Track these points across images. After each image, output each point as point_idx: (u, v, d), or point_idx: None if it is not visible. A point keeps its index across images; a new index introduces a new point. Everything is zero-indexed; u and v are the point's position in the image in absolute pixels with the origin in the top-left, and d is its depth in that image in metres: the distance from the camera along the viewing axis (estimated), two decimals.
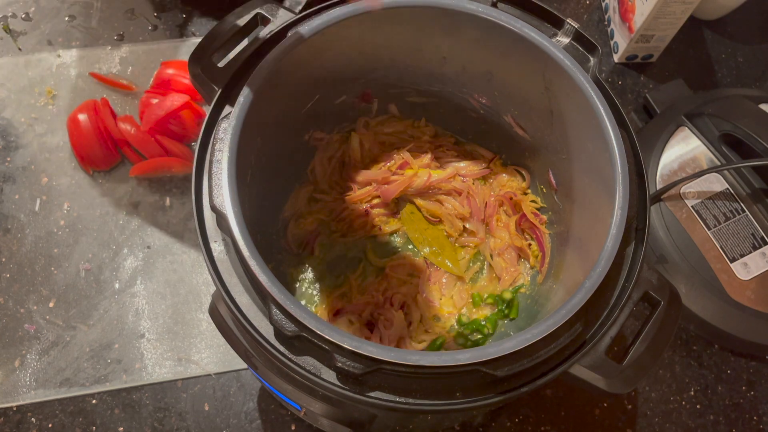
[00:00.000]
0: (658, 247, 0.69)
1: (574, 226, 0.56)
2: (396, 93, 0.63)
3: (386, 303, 0.61)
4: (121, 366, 0.65)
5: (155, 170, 0.72)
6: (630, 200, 0.44)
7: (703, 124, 0.72)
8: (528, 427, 0.65)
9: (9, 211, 0.71)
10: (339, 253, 0.64)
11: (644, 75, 0.84)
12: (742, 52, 0.86)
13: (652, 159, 0.72)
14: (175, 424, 0.63)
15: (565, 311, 0.41)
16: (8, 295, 0.67)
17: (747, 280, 0.67)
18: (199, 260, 0.70)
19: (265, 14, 0.52)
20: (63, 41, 0.79)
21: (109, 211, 0.71)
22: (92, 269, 0.69)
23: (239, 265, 0.44)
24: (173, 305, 0.68)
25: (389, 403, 0.41)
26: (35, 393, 0.63)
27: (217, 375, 0.65)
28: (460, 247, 0.65)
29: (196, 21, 0.82)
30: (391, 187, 0.64)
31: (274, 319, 0.40)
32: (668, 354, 0.69)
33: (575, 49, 0.51)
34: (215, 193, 0.43)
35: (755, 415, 0.68)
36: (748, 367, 0.70)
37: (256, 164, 0.52)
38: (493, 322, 0.61)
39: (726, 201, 0.69)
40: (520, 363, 0.40)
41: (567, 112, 0.52)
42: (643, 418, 0.67)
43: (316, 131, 0.63)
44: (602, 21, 0.87)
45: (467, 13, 0.50)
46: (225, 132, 0.45)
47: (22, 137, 0.74)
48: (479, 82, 0.58)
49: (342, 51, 0.53)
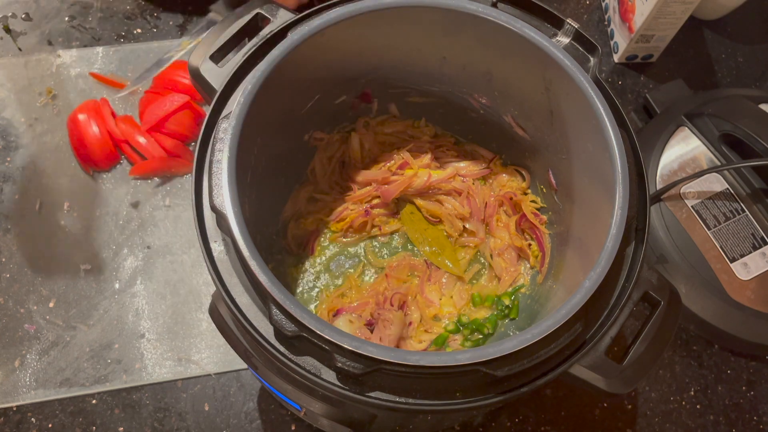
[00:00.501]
0: (658, 247, 0.69)
1: (574, 226, 0.56)
2: (396, 93, 0.63)
3: (386, 303, 0.61)
4: (121, 366, 0.65)
5: (155, 170, 0.72)
6: (630, 200, 0.44)
7: (703, 124, 0.72)
8: (528, 427, 0.65)
9: (9, 211, 0.71)
10: (339, 253, 0.64)
11: (644, 75, 0.84)
12: (742, 52, 0.86)
13: (652, 159, 0.72)
14: (175, 424, 0.63)
15: (565, 311, 0.41)
16: (8, 295, 0.67)
17: (747, 280, 0.67)
18: (199, 260, 0.70)
19: (265, 14, 0.52)
20: (63, 41, 0.79)
21: (109, 211, 0.71)
22: (92, 269, 0.69)
23: (239, 265, 0.44)
24: (173, 305, 0.68)
25: (389, 403, 0.41)
26: (35, 393, 0.63)
27: (217, 375, 0.65)
28: (460, 247, 0.65)
29: (196, 21, 0.82)
30: (391, 187, 0.64)
31: (274, 319, 0.40)
32: (668, 354, 0.69)
33: (575, 49, 0.51)
34: (215, 193, 0.43)
35: (755, 415, 0.68)
36: (748, 367, 0.70)
37: (256, 164, 0.52)
38: (493, 322, 0.61)
39: (726, 201, 0.69)
40: (520, 363, 0.40)
41: (567, 112, 0.52)
42: (643, 418, 0.67)
43: (316, 131, 0.63)
44: (602, 21, 0.87)
45: (467, 13, 0.50)
46: (225, 132, 0.45)
47: (22, 137, 0.74)
48: (479, 82, 0.58)
49: (342, 51, 0.53)
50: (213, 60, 0.51)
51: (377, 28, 0.52)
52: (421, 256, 0.65)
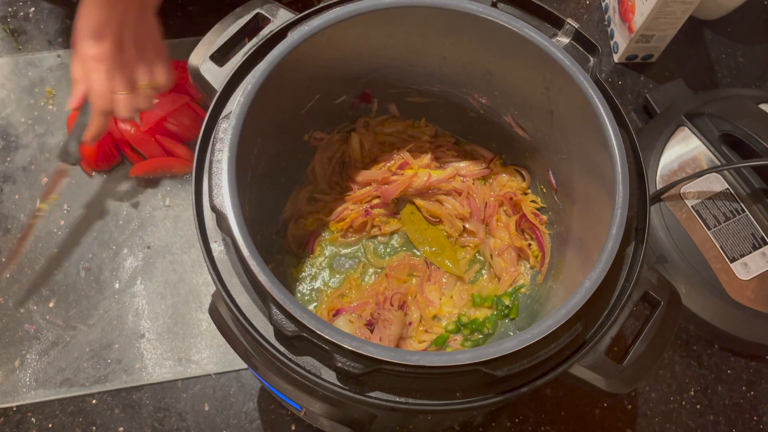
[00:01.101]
0: (658, 247, 0.69)
1: (574, 226, 0.56)
2: (396, 93, 0.63)
3: (386, 303, 0.61)
4: (121, 366, 0.65)
5: (155, 170, 0.72)
6: (630, 200, 0.44)
7: (703, 124, 0.72)
8: (528, 427, 0.65)
9: (9, 211, 0.71)
10: (339, 253, 0.64)
11: (644, 75, 0.84)
12: (742, 52, 0.86)
13: (652, 159, 0.72)
14: (175, 424, 0.63)
15: (565, 311, 0.41)
16: (8, 295, 0.67)
17: (747, 280, 0.67)
18: (199, 260, 0.70)
19: (265, 14, 0.52)
20: (63, 41, 0.79)
21: (109, 211, 0.71)
22: (92, 269, 0.69)
23: (239, 265, 0.44)
24: (173, 305, 0.68)
25: (389, 403, 0.41)
26: (35, 393, 0.63)
27: (217, 375, 0.65)
28: (460, 247, 0.65)
29: (196, 21, 0.82)
30: (391, 187, 0.64)
31: (274, 319, 0.40)
32: (668, 354, 0.69)
33: (575, 49, 0.51)
34: (215, 193, 0.43)
35: (755, 415, 0.68)
36: (748, 367, 0.70)
37: (256, 164, 0.52)
38: (493, 322, 0.61)
39: (726, 201, 0.69)
40: (520, 363, 0.40)
41: (567, 112, 0.52)
42: (643, 418, 0.67)
43: (316, 131, 0.63)
44: (602, 21, 0.87)
45: (467, 13, 0.50)
46: (225, 132, 0.45)
47: (22, 137, 0.74)
48: (479, 82, 0.58)
49: (342, 51, 0.53)
50: (213, 60, 0.51)
51: (377, 28, 0.52)
52: (421, 256, 0.65)
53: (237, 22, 0.51)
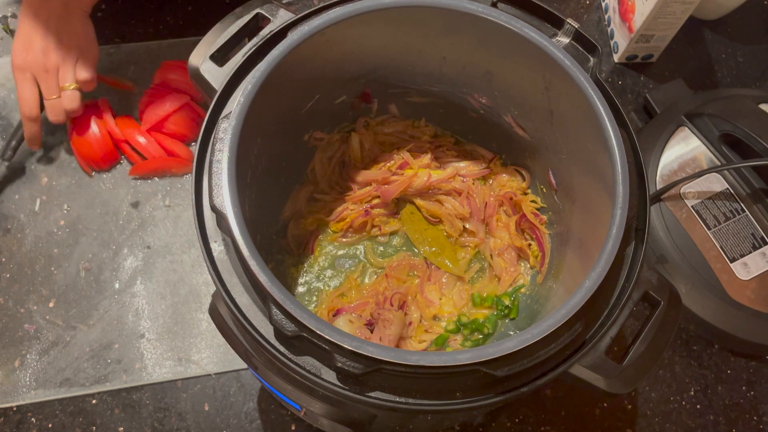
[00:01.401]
0: (658, 247, 0.69)
1: (574, 226, 0.56)
2: (396, 93, 0.63)
3: (386, 303, 0.61)
4: (121, 366, 0.65)
5: (155, 170, 0.72)
6: (630, 200, 0.44)
7: (703, 124, 0.72)
8: (528, 427, 0.65)
9: (9, 211, 0.71)
10: (339, 253, 0.64)
11: (644, 75, 0.84)
12: (742, 52, 0.86)
13: (652, 159, 0.72)
14: (175, 424, 0.63)
15: (565, 311, 0.41)
16: (8, 295, 0.67)
17: (747, 280, 0.67)
18: (199, 260, 0.70)
19: (265, 14, 0.52)
20: None
21: (109, 211, 0.71)
22: (92, 269, 0.69)
23: (239, 265, 0.44)
24: (173, 305, 0.68)
25: (389, 403, 0.41)
26: (35, 393, 0.63)
27: (217, 375, 0.65)
28: (460, 247, 0.65)
29: (196, 21, 0.82)
30: (391, 187, 0.64)
31: (274, 319, 0.40)
32: (668, 354, 0.70)
33: (575, 49, 0.51)
34: (215, 193, 0.43)
35: (755, 415, 0.68)
36: (748, 367, 0.70)
37: (256, 164, 0.52)
38: (493, 322, 0.61)
39: (726, 201, 0.69)
40: (520, 363, 0.40)
41: (567, 112, 0.52)
42: (643, 418, 0.67)
43: (316, 131, 0.63)
44: (602, 21, 0.87)
45: (467, 13, 0.50)
46: (225, 132, 0.45)
47: None
48: (479, 82, 0.58)
49: (342, 51, 0.53)
50: (213, 60, 0.51)
51: (377, 28, 0.52)
52: (421, 256, 0.65)
53: (237, 22, 0.51)
